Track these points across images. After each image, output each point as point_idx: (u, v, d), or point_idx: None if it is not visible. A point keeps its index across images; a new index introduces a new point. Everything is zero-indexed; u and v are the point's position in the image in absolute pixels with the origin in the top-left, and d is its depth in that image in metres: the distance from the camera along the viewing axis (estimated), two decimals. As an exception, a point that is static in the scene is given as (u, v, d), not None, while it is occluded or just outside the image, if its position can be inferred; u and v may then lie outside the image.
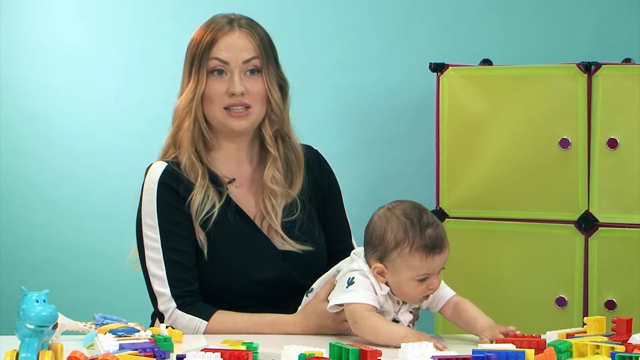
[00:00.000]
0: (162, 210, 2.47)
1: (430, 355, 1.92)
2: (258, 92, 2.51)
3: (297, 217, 2.55)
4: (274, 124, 2.55)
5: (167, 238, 2.45)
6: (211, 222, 2.46)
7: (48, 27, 3.93)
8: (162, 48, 3.92)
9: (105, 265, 3.92)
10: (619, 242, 3.25)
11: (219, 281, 2.47)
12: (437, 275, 2.26)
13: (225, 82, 2.50)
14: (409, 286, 2.25)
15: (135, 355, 1.90)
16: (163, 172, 2.50)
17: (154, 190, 2.49)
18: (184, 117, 2.53)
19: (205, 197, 2.47)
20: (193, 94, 2.51)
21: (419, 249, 2.22)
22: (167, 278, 2.44)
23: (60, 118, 3.92)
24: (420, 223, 2.25)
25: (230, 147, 2.56)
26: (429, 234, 2.23)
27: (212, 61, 2.50)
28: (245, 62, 2.50)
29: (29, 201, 3.92)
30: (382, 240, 2.26)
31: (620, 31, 3.82)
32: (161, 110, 3.91)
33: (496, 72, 3.43)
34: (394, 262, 2.24)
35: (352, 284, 2.26)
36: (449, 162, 3.42)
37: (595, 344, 2.02)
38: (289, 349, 1.93)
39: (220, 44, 2.51)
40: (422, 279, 2.24)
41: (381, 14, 3.92)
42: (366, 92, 3.92)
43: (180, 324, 2.40)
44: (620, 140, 3.24)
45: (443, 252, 2.26)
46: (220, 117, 2.50)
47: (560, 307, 3.30)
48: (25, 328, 1.79)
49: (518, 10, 3.88)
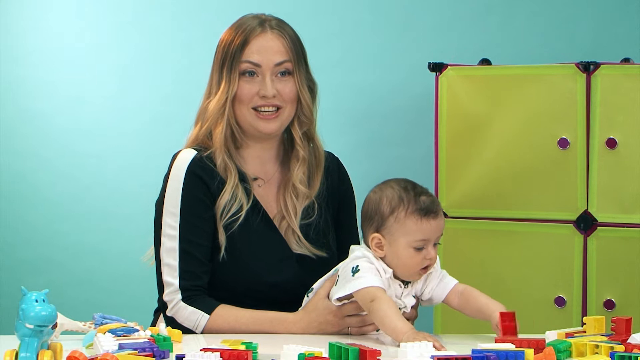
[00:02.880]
0: (186, 200, 2.46)
1: (429, 355, 1.92)
2: (289, 94, 2.52)
3: (314, 221, 2.57)
4: (304, 124, 2.58)
5: (186, 229, 2.45)
6: (236, 225, 2.47)
7: (48, 27, 3.92)
8: (161, 48, 3.92)
9: (104, 265, 3.92)
10: (617, 242, 3.26)
11: (233, 280, 2.48)
12: (433, 247, 2.30)
13: (256, 83, 2.50)
14: (406, 255, 2.28)
15: (135, 355, 1.91)
16: (192, 160, 2.49)
17: (180, 178, 2.48)
18: (217, 119, 2.52)
19: (233, 198, 2.47)
20: (226, 96, 2.51)
21: (415, 212, 2.28)
22: (179, 269, 2.44)
23: (60, 118, 3.92)
24: (414, 190, 2.32)
25: (257, 147, 2.57)
26: (423, 199, 2.30)
27: (244, 64, 2.51)
28: (277, 65, 2.51)
29: (29, 201, 3.92)
30: (377, 210, 2.31)
31: (619, 31, 3.82)
32: (160, 110, 3.94)
33: (495, 71, 3.43)
34: (390, 230, 2.29)
35: (357, 272, 2.28)
36: (448, 161, 3.42)
37: (594, 344, 2.02)
38: (288, 349, 1.93)
39: (252, 46, 2.51)
40: (419, 247, 2.28)
41: (380, 14, 3.92)
42: (365, 91, 3.92)
43: (182, 316, 2.41)
44: (619, 140, 3.24)
45: (438, 217, 2.31)
46: (249, 119, 2.51)
47: (559, 306, 3.30)
48: (25, 328, 1.80)
49: (517, 10, 3.88)
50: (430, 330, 3.13)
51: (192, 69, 3.89)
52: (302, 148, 2.56)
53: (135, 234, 3.88)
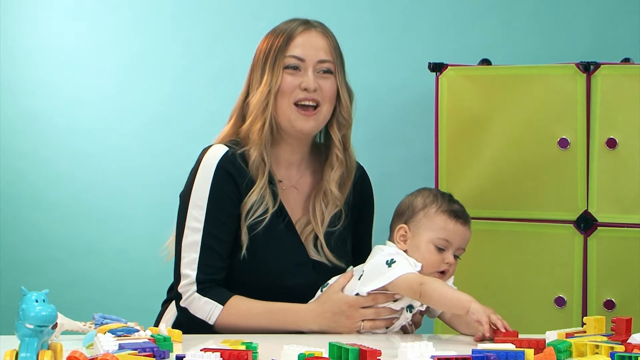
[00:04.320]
0: (214, 195, 2.47)
1: (429, 355, 1.92)
2: (329, 91, 2.54)
3: (338, 229, 2.58)
4: (342, 127, 2.59)
5: (211, 223, 2.46)
6: (260, 227, 2.47)
7: (47, 28, 3.92)
8: (161, 48, 3.92)
9: (104, 265, 3.92)
10: (617, 242, 3.26)
11: (250, 279, 2.49)
12: (454, 256, 2.37)
13: (298, 76, 2.53)
14: (426, 250, 2.36)
15: (135, 355, 1.91)
16: (223, 156, 2.50)
17: (210, 172, 2.48)
18: (261, 111, 2.52)
19: (261, 200, 2.48)
20: (269, 88, 2.52)
21: (446, 211, 2.38)
22: (198, 262, 2.45)
23: (60, 118, 3.92)
24: (449, 197, 2.43)
25: (287, 150, 2.57)
26: (456, 206, 2.41)
27: (287, 58, 2.53)
28: (320, 61, 2.55)
29: (29, 201, 3.92)
30: (410, 205, 2.42)
31: (619, 31, 3.82)
32: (160, 110, 3.94)
33: (495, 72, 3.43)
34: (418, 223, 2.38)
35: (393, 263, 2.33)
36: (448, 161, 3.42)
37: (594, 344, 2.03)
38: (288, 349, 1.93)
39: (297, 41, 2.55)
40: (441, 247, 2.35)
41: (380, 14, 3.91)
42: (365, 92, 3.89)
43: (196, 307, 2.42)
44: (619, 140, 3.24)
45: (465, 225, 2.40)
46: (289, 114, 2.51)
47: (559, 307, 3.30)
48: (25, 328, 1.80)
49: (517, 10, 3.88)
50: (430, 330, 3.13)
51: (192, 69, 3.89)
52: (340, 151, 2.58)
53: (136, 233, 3.89)
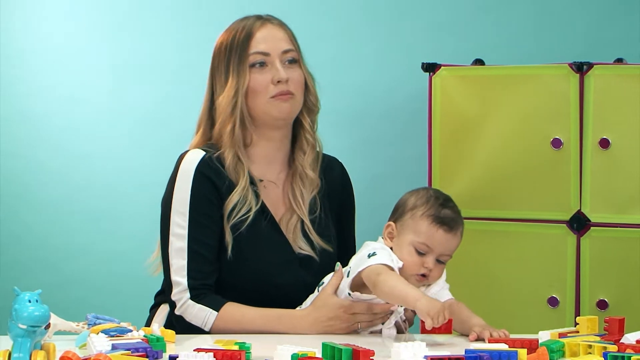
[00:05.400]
0: (195, 200, 2.47)
1: (422, 355, 1.92)
2: (298, 80, 2.55)
3: (318, 215, 2.59)
4: (311, 112, 2.60)
5: (195, 229, 2.46)
6: (244, 226, 2.47)
7: (40, 27, 3.91)
8: (155, 48, 3.91)
9: (97, 265, 3.91)
10: (610, 242, 3.26)
11: (239, 280, 2.49)
12: (436, 261, 2.36)
13: (268, 72, 2.52)
14: (407, 251, 2.36)
15: (128, 355, 1.90)
16: (200, 161, 2.50)
17: (189, 177, 2.48)
18: (229, 113, 2.51)
19: (243, 200, 2.48)
20: (236, 89, 2.51)
21: (430, 216, 2.36)
22: (188, 268, 2.45)
23: (52, 118, 3.91)
24: (444, 201, 2.41)
25: (266, 146, 2.57)
26: (445, 212, 2.38)
27: (252, 56, 2.53)
28: (284, 52, 2.55)
29: (21, 201, 3.91)
30: (404, 204, 2.42)
31: (612, 31, 3.83)
32: (154, 111, 3.93)
33: (488, 72, 3.43)
34: (404, 223, 2.39)
35: (373, 255, 2.34)
36: (441, 161, 3.43)
37: (587, 344, 2.03)
38: (282, 349, 1.93)
39: (258, 37, 2.54)
40: (420, 251, 2.35)
41: (373, 14, 3.91)
42: (359, 92, 3.92)
43: (190, 314, 2.42)
44: (612, 140, 3.24)
45: (450, 232, 2.38)
46: (266, 107, 2.51)
47: (552, 306, 3.30)
48: (18, 328, 1.79)
49: (510, 10, 3.88)
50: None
51: (186, 69, 3.89)
52: (310, 135, 2.59)
53: (129, 234, 3.88)
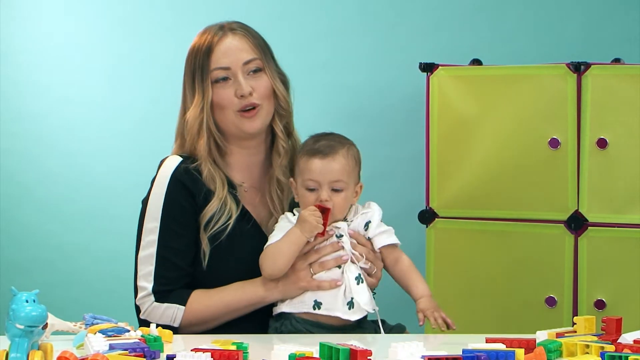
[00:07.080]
0: (168, 206, 2.48)
1: (420, 354, 1.92)
2: (264, 89, 2.53)
3: None
4: (283, 117, 2.59)
5: (166, 235, 2.46)
6: (223, 235, 2.47)
7: (36, 28, 3.92)
8: (150, 48, 3.92)
9: (95, 265, 3.92)
10: (608, 242, 3.26)
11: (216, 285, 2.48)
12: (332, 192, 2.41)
13: (231, 86, 2.51)
14: (302, 194, 2.45)
15: (125, 355, 1.90)
16: (176, 168, 2.50)
17: (164, 184, 2.49)
18: (197, 129, 2.52)
19: (223, 208, 2.47)
20: (201, 105, 2.51)
21: (305, 153, 2.44)
22: (154, 274, 2.45)
23: (49, 118, 3.91)
24: (318, 136, 2.48)
25: (243, 153, 2.58)
26: (319, 144, 2.44)
27: (214, 72, 2.52)
28: (245, 63, 2.52)
29: (18, 201, 3.92)
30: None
31: (609, 31, 3.83)
32: (150, 110, 3.93)
33: (486, 72, 3.43)
34: (295, 173, 2.49)
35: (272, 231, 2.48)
36: (439, 162, 3.42)
37: (585, 344, 2.03)
38: (279, 349, 1.94)
39: (217, 52, 2.53)
40: (310, 187, 2.42)
41: (371, 14, 3.92)
42: (356, 92, 3.92)
43: (156, 316, 2.42)
44: (610, 140, 3.24)
45: (325, 159, 2.42)
46: (235, 121, 2.51)
47: (550, 306, 3.30)
48: (15, 328, 1.79)
49: (508, 10, 3.89)
50: (421, 330, 3.13)
51: (181, 69, 3.88)
52: (283, 141, 2.59)
53: (125, 233, 3.87)
